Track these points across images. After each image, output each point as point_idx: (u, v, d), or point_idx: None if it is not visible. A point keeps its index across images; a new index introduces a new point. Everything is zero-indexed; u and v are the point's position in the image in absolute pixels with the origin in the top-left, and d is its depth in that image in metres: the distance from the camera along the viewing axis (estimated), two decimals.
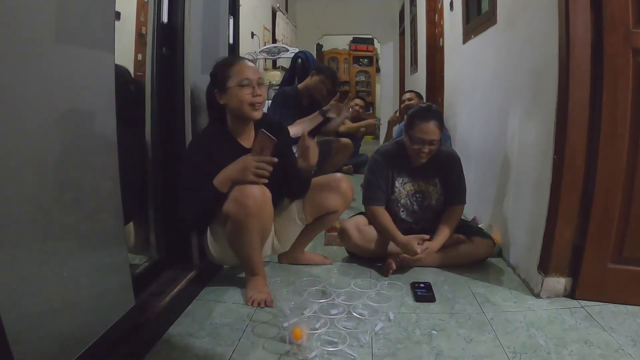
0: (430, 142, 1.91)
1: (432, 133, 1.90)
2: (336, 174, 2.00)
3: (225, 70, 1.60)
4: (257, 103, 1.61)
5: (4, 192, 0.82)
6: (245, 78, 1.59)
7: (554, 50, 1.61)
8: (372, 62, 10.04)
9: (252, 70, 1.63)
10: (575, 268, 1.63)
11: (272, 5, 5.66)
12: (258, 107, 1.63)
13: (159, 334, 1.39)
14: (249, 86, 1.59)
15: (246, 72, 1.60)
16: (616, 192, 1.54)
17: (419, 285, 1.76)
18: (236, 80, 1.59)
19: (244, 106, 1.60)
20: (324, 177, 1.94)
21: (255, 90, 1.60)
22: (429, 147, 1.92)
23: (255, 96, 1.60)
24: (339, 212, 1.92)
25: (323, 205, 1.86)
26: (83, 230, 1.05)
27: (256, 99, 1.61)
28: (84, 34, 1.02)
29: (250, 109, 1.61)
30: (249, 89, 1.59)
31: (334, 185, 1.87)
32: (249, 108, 1.61)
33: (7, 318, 0.81)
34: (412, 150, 1.96)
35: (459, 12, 3.11)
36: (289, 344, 1.33)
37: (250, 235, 1.57)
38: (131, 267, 1.30)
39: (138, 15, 1.71)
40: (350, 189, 1.91)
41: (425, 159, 1.95)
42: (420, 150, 1.92)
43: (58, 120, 0.95)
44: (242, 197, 1.50)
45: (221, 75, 1.61)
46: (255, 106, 1.61)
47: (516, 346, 1.34)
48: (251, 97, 1.60)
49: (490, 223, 2.37)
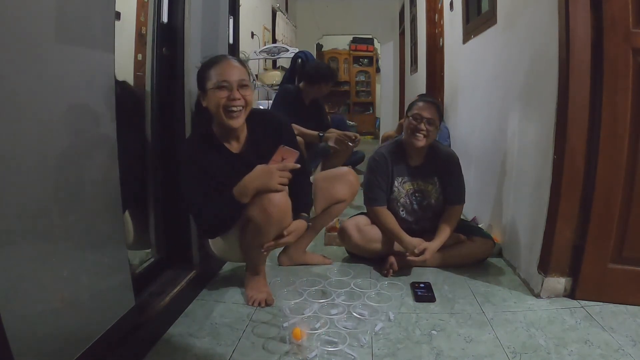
0: (428, 120, 1.93)
1: (428, 111, 1.94)
2: (342, 167, 2.13)
3: (206, 71, 1.49)
4: (232, 106, 1.46)
5: (4, 192, 0.82)
6: (223, 80, 1.45)
7: (554, 50, 1.61)
8: (372, 62, 10.04)
9: (233, 70, 1.47)
10: (575, 268, 1.63)
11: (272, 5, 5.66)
12: (236, 114, 1.47)
13: (159, 334, 1.39)
14: (225, 89, 1.45)
15: (225, 73, 1.46)
16: (616, 192, 1.54)
17: (419, 285, 1.76)
18: (214, 81, 1.46)
19: (219, 111, 1.47)
20: (332, 170, 2.08)
21: (233, 94, 1.45)
22: (426, 126, 1.93)
23: (231, 99, 1.45)
24: (346, 201, 1.98)
25: (332, 194, 1.93)
26: (83, 230, 1.05)
27: (233, 102, 1.45)
28: (84, 34, 1.02)
29: (225, 114, 1.46)
30: (225, 91, 1.45)
31: (341, 177, 1.97)
32: (224, 113, 1.46)
33: (7, 318, 0.81)
34: (409, 134, 1.96)
35: (459, 12, 3.11)
36: (289, 344, 1.33)
37: (265, 239, 1.56)
38: (131, 267, 1.30)
39: (138, 15, 1.71)
40: (356, 180, 2.00)
41: (421, 141, 1.94)
42: (417, 127, 1.93)
43: (58, 120, 0.95)
44: (268, 204, 1.47)
45: (202, 76, 1.50)
46: (231, 113, 1.46)
47: (516, 346, 1.34)
48: (226, 101, 1.45)
49: (490, 223, 2.37)
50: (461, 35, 3.06)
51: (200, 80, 1.52)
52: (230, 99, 1.46)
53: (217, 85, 1.45)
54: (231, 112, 1.47)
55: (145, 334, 1.29)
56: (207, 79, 1.48)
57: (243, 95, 1.48)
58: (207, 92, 1.49)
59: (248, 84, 1.51)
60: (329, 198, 1.94)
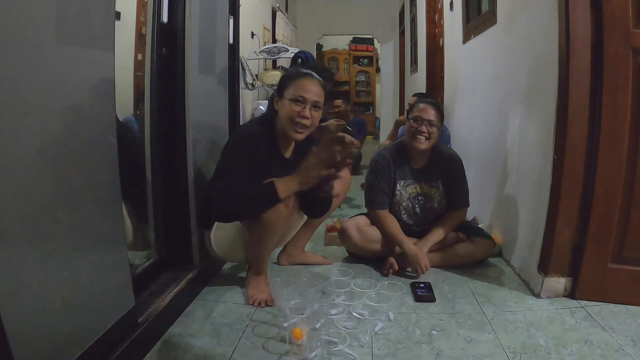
0: (429, 122, 1.93)
1: (428, 113, 1.95)
2: None
3: (289, 80, 1.62)
4: (300, 123, 1.59)
5: (4, 192, 0.82)
6: (300, 95, 1.58)
7: (554, 50, 1.61)
8: (372, 62, 10.03)
9: (312, 91, 1.60)
10: (575, 268, 1.63)
11: (272, 5, 5.65)
12: (300, 130, 1.60)
13: (159, 334, 1.39)
14: (301, 103, 1.58)
15: (304, 90, 1.58)
16: (616, 192, 1.54)
17: (419, 285, 1.76)
18: (292, 93, 1.59)
19: (287, 122, 1.60)
20: None
21: (305, 111, 1.58)
22: (427, 128, 1.93)
23: (302, 116, 1.58)
24: (339, 197, 1.97)
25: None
26: (83, 230, 1.05)
27: (302, 119, 1.58)
28: (84, 34, 1.02)
29: (291, 127, 1.59)
30: (299, 106, 1.58)
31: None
32: (291, 125, 1.59)
33: (7, 318, 0.81)
34: (410, 136, 1.96)
35: (459, 12, 3.11)
36: (289, 344, 1.33)
37: (272, 238, 1.59)
38: (131, 267, 1.30)
39: (138, 15, 1.71)
40: (348, 176, 1.99)
41: (423, 143, 1.94)
42: (418, 129, 1.93)
43: (58, 120, 0.95)
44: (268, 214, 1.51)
45: (284, 82, 1.63)
46: (297, 125, 1.59)
47: (516, 346, 1.34)
48: (297, 115, 1.58)
49: (490, 223, 2.37)
50: (461, 35, 3.06)
51: (281, 85, 1.64)
52: (301, 115, 1.58)
53: (294, 98, 1.58)
54: (297, 126, 1.60)
55: (145, 334, 1.29)
56: (287, 87, 1.61)
57: (312, 116, 1.60)
58: (283, 99, 1.61)
59: (320, 107, 1.63)
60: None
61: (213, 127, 1.94)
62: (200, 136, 1.77)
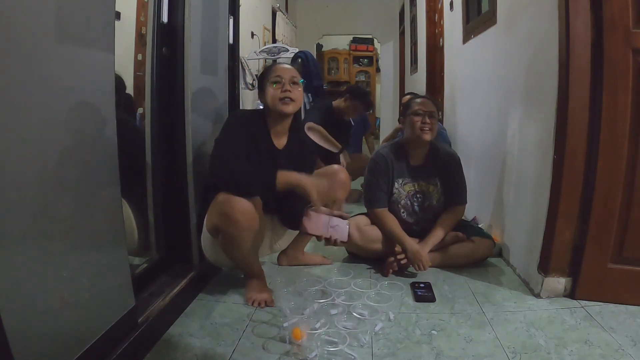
0: (430, 113, 1.96)
1: (428, 105, 1.98)
2: (333, 165, 2.04)
3: (265, 72, 1.76)
4: (284, 97, 1.68)
5: (4, 192, 0.82)
6: (277, 75, 1.70)
7: (554, 50, 1.61)
8: (372, 62, 10.02)
9: (286, 70, 1.73)
10: (575, 268, 1.63)
11: (272, 5, 5.65)
12: (287, 101, 1.69)
13: (159, 334, 1.39)
14: (279, 83, 1.69)
15: (279, 71, 1.71)
16: (616, 192, 1.54)
17: (419, 285, 1.76)
18: (270, 78, 1.71)
19: (275, 102, 1.69)
20: (323, 169, 2.03)
21: (284, 86, 1.68)
22: (430, 119, 1.95)
23: (284, 91, 1.68)
24: (338, 201, 1.93)
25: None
26: (83, 230, 1.05)
27: (284, 93, 1.68)
28: (84, 34, 1.02)
29: (278, 103, 1.69)
30: (279, 85, 1.69)
31: (332, 175, 1.92)
32: (278, 102, 1.68)
33: (7, 318, 0.81)
34: (415, 130, 1.97)
35: (459, 12, 3.11)
36: (289, 344, 1.33)
37: (243, 247, 1.56)
38: (131, 267, 1.30)
39: (138, 15, 1.71)
40: (348, 179, 1.98)
41: (428, 134, 1.96)
42: (423, 121, 1.95)
43: (58, 120, 0.95)
44: (232, 211, 1.48)
45: (262, 76, 1.76)
46: (283, 100, 1.68)
47: (516, 346, 1.34)
48: (280, 93, 1.68)
49: (490, 223, 2.37)
50: (461, 35, 3.06)
51: (261, 81, 1.76)
52: (282, 90, 1.69)
53: (273, 80, 1.70)
54: (283, 101, 1.69)
55: (145, 334, 1.29)
56: (265, 77, 1.73)
57: (293, 89, 1.70)
58: (267, 88, 1.71)
59: (298, 83, 1.74)
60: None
61: (213, 127, 1.94)
62: (200, 136, 1.77)
